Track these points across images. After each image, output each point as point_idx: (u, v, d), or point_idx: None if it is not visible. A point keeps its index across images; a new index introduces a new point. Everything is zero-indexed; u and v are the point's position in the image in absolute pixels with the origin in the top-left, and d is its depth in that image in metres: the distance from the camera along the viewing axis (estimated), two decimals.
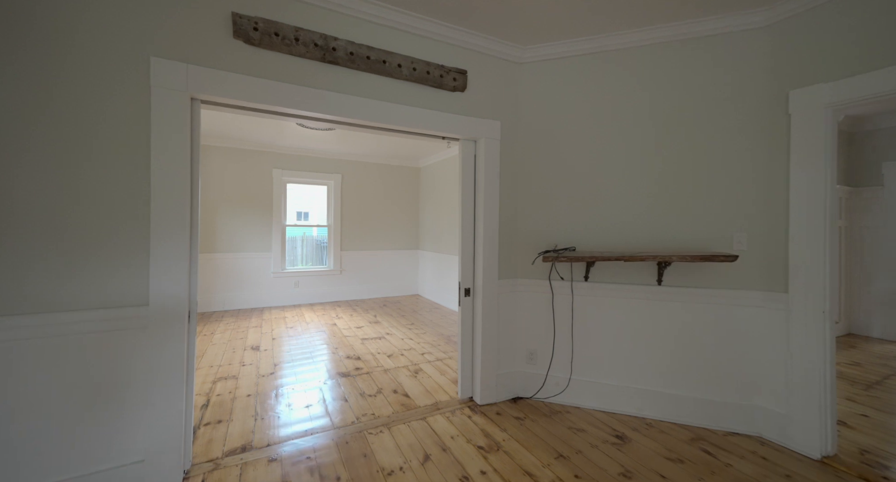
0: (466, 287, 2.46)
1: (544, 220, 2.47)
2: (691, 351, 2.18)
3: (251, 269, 5.33)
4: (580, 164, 2.40)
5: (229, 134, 4.73)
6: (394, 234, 6.41)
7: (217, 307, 5.10)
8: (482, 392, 2.41)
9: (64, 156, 1.45)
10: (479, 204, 2.44)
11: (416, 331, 4.20)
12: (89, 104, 1.48)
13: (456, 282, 5.31)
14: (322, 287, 5.84)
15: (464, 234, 2.46)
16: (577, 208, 2.40)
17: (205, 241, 5.04)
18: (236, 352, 3.42)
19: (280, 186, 5.52)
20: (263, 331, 4.15)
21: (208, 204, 5.06)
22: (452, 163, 5.49)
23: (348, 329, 4.29)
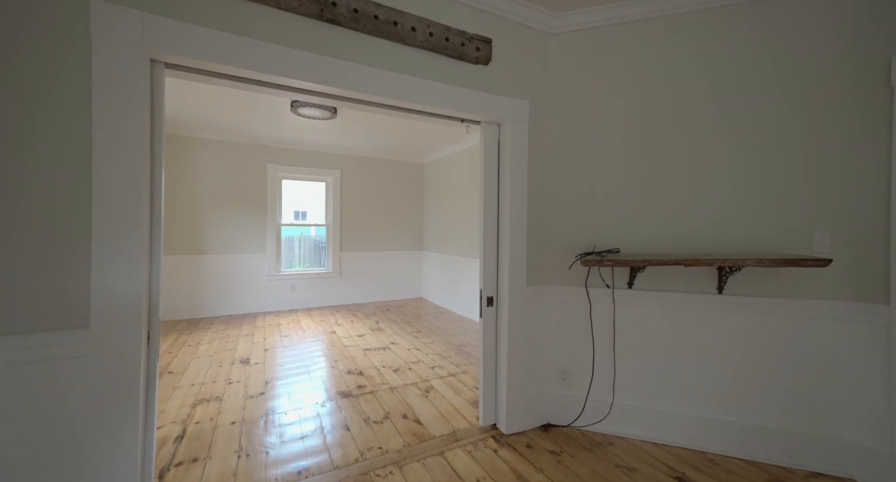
0: (489, 295, 2.10)
1: (580, 218, 2.11)
2: (760, 371, 1.82)
3: (243, 272, 4.96)
4: (621, 154, 2.04)
5: (218, 124, 4.35)
6: (396, 234, 6.04)
7: (206, 313, 4.73)
8: (508, 418, 2.05)
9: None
10: (504, 199, 2.07)
11: (423, 340, 3.84)
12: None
13: (465, 285, 4.94)
14: (320, 290, 5.47)
15: (485, 235, 2.09)
16: (618, 205, 2.04)
17: (192, 241, 4.67)
18: (223, 366, 3.05)
19: (275, 182, 5.14)
20: (255, 340, 3.78)
21: (196, 202, 4.68)
22: (459, 158, 5.13)
23: (349, 338, 3.92)
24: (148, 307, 1.34)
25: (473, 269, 4.74)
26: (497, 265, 2.12)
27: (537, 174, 2.14)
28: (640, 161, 2.01)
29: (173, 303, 4.55)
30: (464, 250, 5.00)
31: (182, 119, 4.12)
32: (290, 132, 4.60)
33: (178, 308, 4.56)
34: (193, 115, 3.99)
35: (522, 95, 2.08)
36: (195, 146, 4.65)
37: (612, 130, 2.06)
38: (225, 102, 3.56)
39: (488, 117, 2.00)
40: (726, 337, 1.87)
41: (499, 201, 2.12)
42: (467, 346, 3.64)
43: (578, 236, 2.11)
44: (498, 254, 2.12)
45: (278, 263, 5.25)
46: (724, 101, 1.87)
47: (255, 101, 3.49)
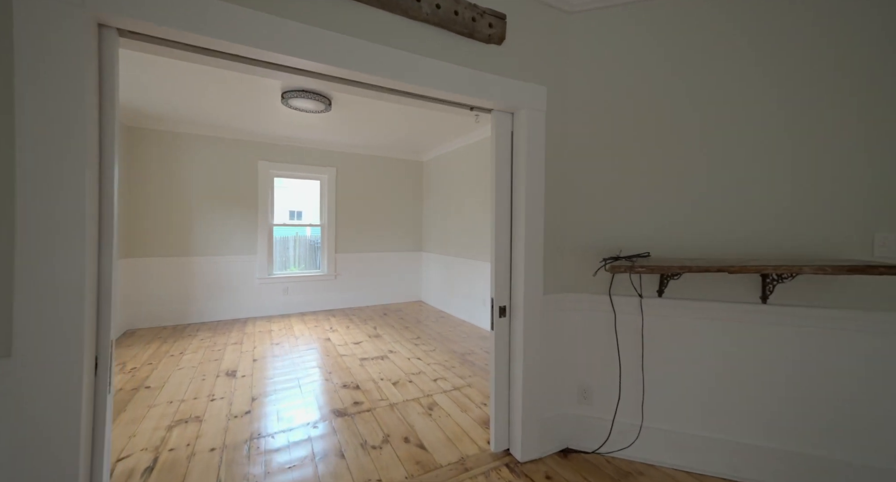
0: (501, 305, 1.86)
1: (602, 219, 1.88)
2: (812, 392, 1.60)
3: (233, 275, 4.70)
4: (651, 149, 1.82)
5: (206, 119, 4.09)
6: (394, 235, 5.80)
7: (193, 318, 4.46)
8: (524, 444, 1.82)
9: None
10: (518, 198, 1.84)
11: (423, 348, 3.60)
12: None
13: (466, 288, 4.71)
14: (314, 294, 5.22)
15: (497, 237, 1.86)
16: (647, 205, 1.81)
17: (179, 243, 4.40)
18: (207, 379, 2.79)
19: (266, 180, 4.88)
20: (244, 349, 3.53)
21: (183, 201, 4.41)
22: (460, 155, 4.90)
23: (344, 345, 3.67)
24: (95, 326, 1.09)
25: (475, 272, 4.51)
26: (510, 271, 1.89)
27: (555, 170, 1.91)
28: (671, 156, 1.79)
29: (157, 308, 4.28)
30: (465, 252, 4.77)
31: (166, 113, 3.86)
32: (282, 127, 4.35)
33: (162, 314, 4.30)
34: (178, 109, 3.73)
35: (539, 80, 1.85)
36: (181, 142, 4.38)
37: (640, 121, 1.83)
38: (212, 95, 3.30)
39: (501, 104, 1.77)
40: (772, 352, 1.65)
41: (512, 200, 1.89)
42: (471, 355, 3.41)
43: (600, 239, 1.88)
44: (511, 259, 1.89)
45: (270, 266, 4.99)
46: (771, 77, 1.65)
47: (244, 93, 3.24)
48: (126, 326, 4.06)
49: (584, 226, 1.91)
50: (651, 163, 1.81)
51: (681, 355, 1.77)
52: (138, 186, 4.17)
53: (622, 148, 1.86)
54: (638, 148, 1.84)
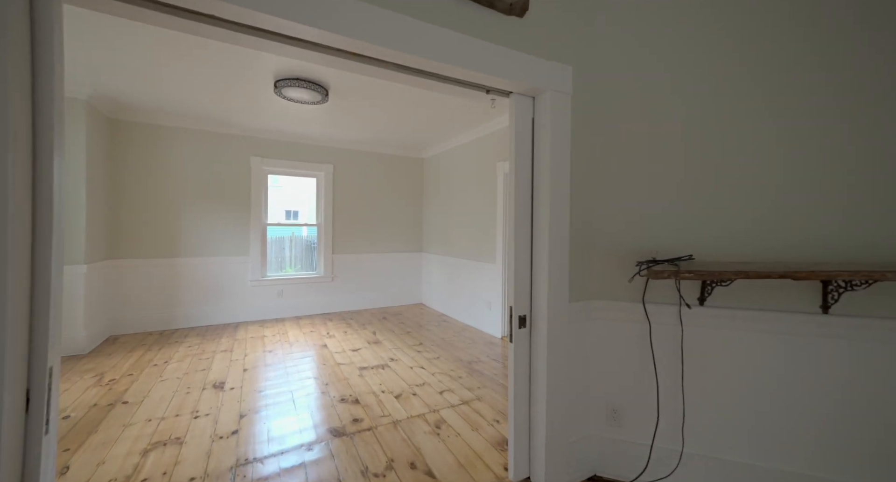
0: (521, 314, 1.64)
1: (634, 217, 1.66)
2: (883, 418, 1.39)
3: (224, 277, 4.45)
4: (693, 138, 1.60)
5: (193, 111, 3.84)
6: (393, 235, 5.57)
7: (181, 323, 4.21)
8: (547, 470, 1.60)
9: None
10: (540, 193, 1.63)
11: (427, 356, 3.37)
12: None
13: (469, 290, 4.49)
14: (310, 296, 4.98)
15: (517, 238, 1.64)
16: (686, 200, 1.60)
17: (166, 243, 4.15)
18: (191, 393, 2.56)
19: (260, 177, 4.64)
20: (234, 357, 3.29)
21: (170, 199, 4.16)
22: (463, 152, 4.68)
23: (342, 353, 3.44)
24: (27, 352, 0.86)
25: (478, 274, 4.29)
26: (531, 276, 1.67)
27: (582, 161, 1.69)
28: (713, 143, 1.57)
29: (142, 313, 4.03)
30: (468, 253, 4.55)
31: (150, 104, 3.61)
32: (276, 121, 4.11)
33: (148, 319, 4.04)
34: (164, 100, 3.48)
35: (565, 59, 1.63)
36: (168, 136, 4.13)
37: (678, 105, 1.62)
38: (200, 83, 3.06)
39: (522, 85, 1.55)
40: (833, 370, 1.44)
41: (533, 196, 1.67)
42: (478, 363, 3.19)
43: (632, 240, 1.66)
44: (532, 263, 1.67)
45: (264, 267, 4.74)
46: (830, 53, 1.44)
47: (234, 80, 3.00)
48: (108, 332, 3.80)
49: (613, 224, 1.69)
50: (691, 153, 1.60)
51: (726, 372, 1.55)
52: (121, 182, 3.92)
53: (657, 134, 1.64)
54: (675, 135, 1.62)
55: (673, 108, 1.62)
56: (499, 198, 3.97)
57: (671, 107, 1.63)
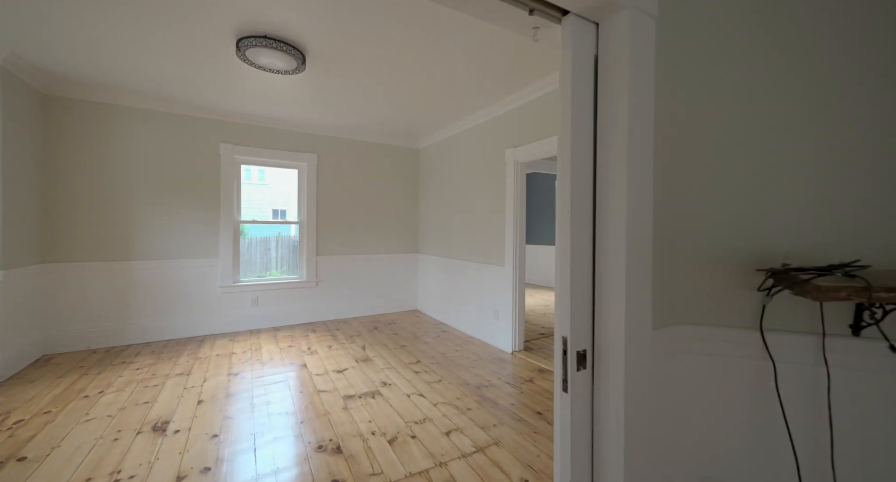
0: (580, 349, 1.09)
1: (748, 206, 1.12)
2: None
3: (188, 283, 3.82)
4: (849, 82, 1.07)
5: (149, 86, 3.21)
6: (386, 234, 4.99)
7: (134, 338, 3.57)
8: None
9: None
10: (607, 171, 1.07)
11: (426, 378, 2.81)
12: None
13: (472, 296, 3.93)
14: (291, 304, 4.37)
15: (573, 234, 1.08)
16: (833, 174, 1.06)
17: (116, 243, 3.51)
18: (121, 439, 1.95)
19: (231, 167, 4.02)
20: (190, 383, 2.68)
21: (120, 192, 3.52)
22: (464, 140, 4.12)
23: (324, 375, 2.86)
24: None
25: (484, 278, 3.74)
26: (593, 291, 1.12)
27: (668, 120, 1.14)
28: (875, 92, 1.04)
29: (85, 326, 3.38)
30: (471, 254, 4.00)
31: (95, 77, 2.98)
32: (247, 100, 3.50)
33: (92, 334, 3.40)
34: (112, 71, 2.85)
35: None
36: (117, 117, 3.49)
37: (818, 34, 1.08)
38: (143, 47, 2.45)
39: (581, 2, 1.00)
40: None
41: (596, 176, 1.11)
42: (488, 388, 2.64)
43: (745, 236, 1.12)
44: (595, 272, 1.12)
45: (236, 271, 4.12)
46: None
47: (185, 41, 2.39)
48: (40, 352, 3.15)
49: (713, 215, 1.15)
50: (842, 103, 1.06)
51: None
52: (57, 171, 3.27)
53: (787, 77, 1.10)
54: (812, 79, 1.08)
55: (812, 37, 1.09)
56: (508, 190, 3.43)
57: (811, 35, 1.09)
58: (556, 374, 1.13)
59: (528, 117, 3.24)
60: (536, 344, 3.66)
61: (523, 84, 3.04)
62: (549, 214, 7.82)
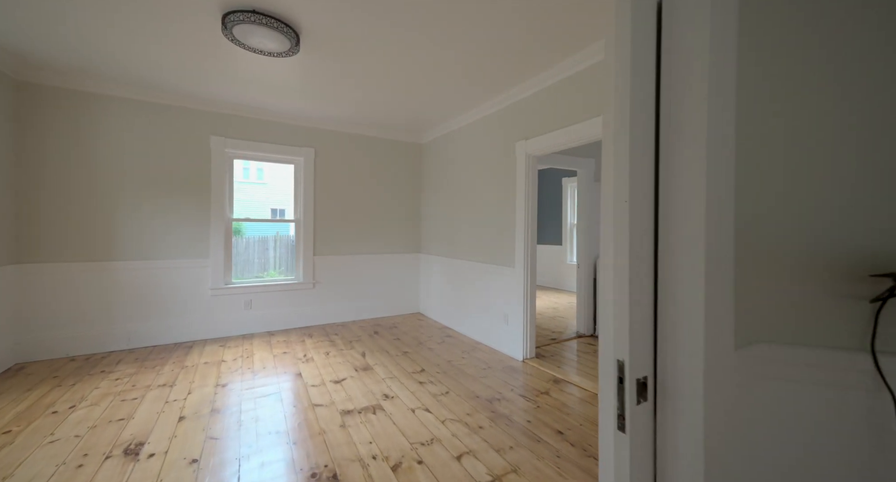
0: (640, 376, 0.85)
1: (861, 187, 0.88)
2: None
3: (177, 285, 3.58)
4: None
5: (130, 73, 2.97)
6: (387, 233, 4.75)
7: (117, 344, 3.33)
8: None
9: None
10: (674, 145, 0.83)
11: (431, 390, 2.57)
12: None
13: (478, 299, 3.68)
14: (286, 307, 4.13)
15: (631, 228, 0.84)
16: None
17: (98, 243, 3.27)
18: (86, 465, 1.71)
19: (222, 162, 3.78)
20: (173, 396, 2.43)
21: (104, 187, 3.28)
22: (470, 134, 3.88)
23: (321, 386, 2.62)
24: None
25: (492, 280, 3.51)
26: (655, 302, 0.88)
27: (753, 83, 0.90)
28: None
29: (64, 332, 3.14)
30: (478, 254, 3.76)
31: (69, 62, 2.74)
32: (240, 89, 3.26)
33: (71, 340, 3.16)
34: (91, 56, 2.61)
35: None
36: (99, 107, 3.25)
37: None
38: (123, 27, 2.21)
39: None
40: None
41: (659, 153, 0.87)
42: (501, 402, 2.40)
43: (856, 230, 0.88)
44: (658, 276, 0.88)
45: (228, 272, 3.88)
46: None
47: (168, 20, 2.15)
48: (12, 360, 2.91)
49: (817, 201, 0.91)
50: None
51: None
52: (32, 164, 3.03)
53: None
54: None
55: None
56: (519, 185, 3.19)
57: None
58: (605, 409, 0.89)
59: (540, 106, 3.00)
60: (548, 350, 3.42)
61: (538, 69, 2.80)
62: (552, 213, 7.57)
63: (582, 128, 2.63)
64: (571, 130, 2.72)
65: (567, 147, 2.87)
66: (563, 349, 3.47)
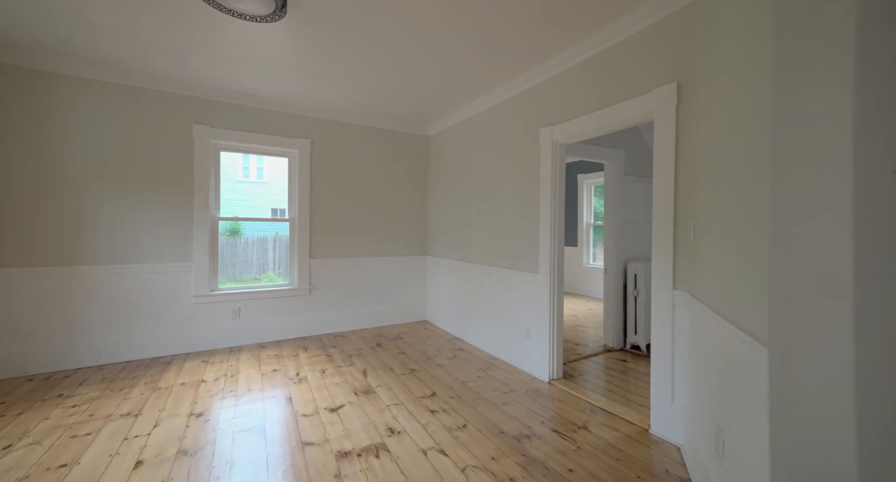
0: None
1: None
2: None
3: (155, 292, 3.17)
4: None
5: (99, 49, 2.56)
6: (390, 234, 4.33)
7: (84, 361, 2.92)
8: None
9: None
10: None
11: (446, 421, 2.14)
12: None
13: (494, 307, 3.25)
14: (279, 315, 3.72)
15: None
16: None
17: (62, 246, 2.86)
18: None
19: (206, 153, 3.37)
20: (136, 430, 2.02)
21: (69, 182, 2.87)
22: (487, 120, 3.45)
23: (314, 416, 2.19)
24: None
25: (512, 287, 3.08)
26: None
27: None
28: None
29: (21, 347, 2.73)
30: (494, 257, 3.34)
31: (35, 37, 2.33)
32: (226, 70, 2.84)
33: (29, 356, 2.75)
34: (61, 31, 2.20)
35: None
36: (69, 90, 2.85)
37: None
38: None
39: None
40: None
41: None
42: (531, 439, 1.97)
43: None
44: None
45: (213, 277, 3.47)
46: None
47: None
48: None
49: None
50: None
51: None
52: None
53: None
54: None
55: None
56: (544, 178, 2.76)
57: None
58: None
59: (574, 84, 2.57)
60: (575, 368, 2.99)
61: (575, 38, 2.36)
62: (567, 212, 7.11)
63: (624, 109, 2.20)
64: (608, 113, 2.29)
65: (602, 132, 2.44)
66: (591, 367, 3.04)
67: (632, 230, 3.60)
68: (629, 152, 3.62)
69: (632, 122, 2.24)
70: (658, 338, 2.01)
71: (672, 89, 1.93)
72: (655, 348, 2.02)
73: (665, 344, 1.98)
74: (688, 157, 1.87)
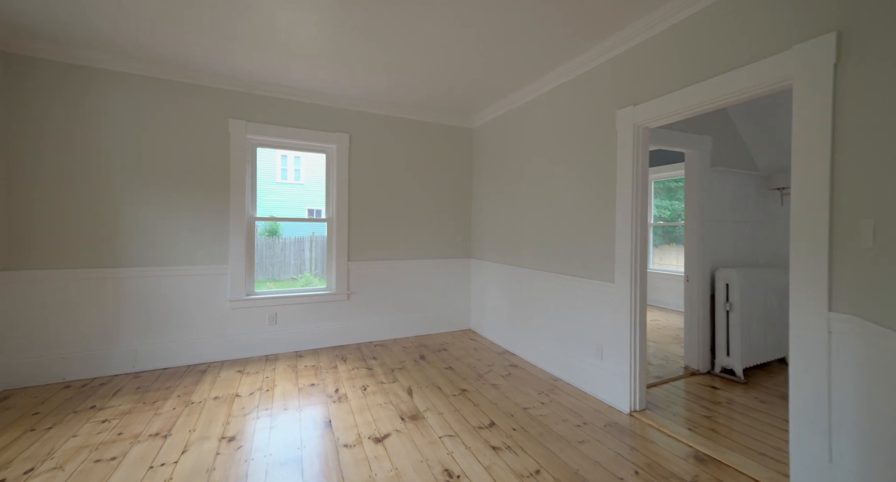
0: None
1: None
2: None
3: (190, 296, 3.02)
4: None
5: (136, 41, 2.40)
6: (433, 235, 4.00)
7: (117, 368, 2.80)
8: None
9: None
10: None
11: (512, 461, 1.76)
12: None
13: (565, 325, 2.81)
14: (316, 322, 3.49)
15: None
16: None
17: (98, 246, 2.75)
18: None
19: (242, 150, 3.18)
20: (162, 457, 1.79)
21: (105, 180, 2.76)
22: (544, 105, 3.02)
23: (357, 447, 1.88)
24: None
25: (579, 297, 2.64)
26: None
27: None
28: None
29: (56, 353, 2.64)
30: (554, 263, 2.91)
31: (75, 30, 2.19)
32: (263, 59, 2.61)
33: (64, 363, 2.65)
34: (94, 22, 2.05)
35: None
36: (101, 84, 2.73)
37: None
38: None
39: None
40: None
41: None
42: (612, 476, 1.54)
43: None
44: None
45: (249, 280, 3.28)
46: None
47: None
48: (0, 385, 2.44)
49: None
50: None
51: None
52: (19, 153, 2.54)
53: None
54: None
55: None
56: (622, 169, 2.31)
57: None
58: None
59: (663, 54, 2.11)
60: (657, 396, 2.50)
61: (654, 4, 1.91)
62: None
63: (738, 78, 1.72)
64: (712, 86, 1.82)
65: (702, 109, 1.97)
66: (675, 394, 2.55)
67: (718, 231, 3.04)
68: (719, 137, 3.06)
69: (750, 94, 1.76)
70: (801, 374, 1.52)
71: (828, 42, 1.44)
72: (797, 387, 1.53)
73: (815, 383, 1.48)
74: (856, 133, 1.38)
